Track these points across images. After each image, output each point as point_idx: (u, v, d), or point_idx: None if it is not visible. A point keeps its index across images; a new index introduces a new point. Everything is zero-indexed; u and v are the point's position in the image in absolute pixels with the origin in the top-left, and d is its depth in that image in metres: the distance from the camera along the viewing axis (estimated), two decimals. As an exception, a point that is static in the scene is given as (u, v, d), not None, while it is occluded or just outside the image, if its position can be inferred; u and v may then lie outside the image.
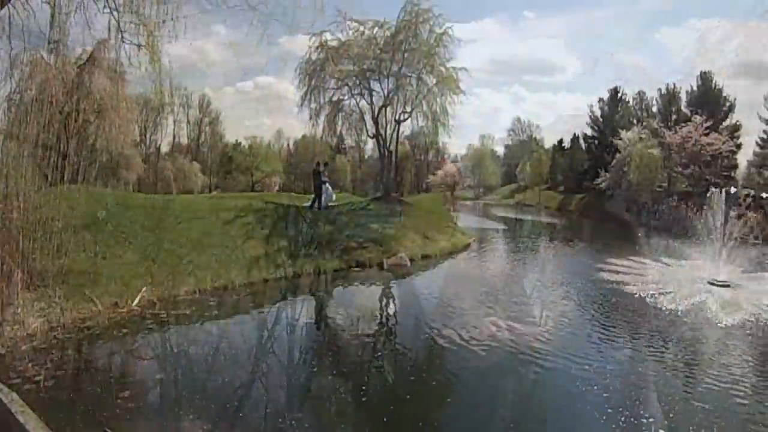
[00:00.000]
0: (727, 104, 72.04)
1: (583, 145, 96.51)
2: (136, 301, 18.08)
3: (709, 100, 70.43)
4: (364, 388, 12.72)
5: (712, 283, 24.96)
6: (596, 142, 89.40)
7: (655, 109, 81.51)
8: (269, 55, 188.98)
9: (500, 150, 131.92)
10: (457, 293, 22.86)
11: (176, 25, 19.10)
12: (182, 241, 23.17)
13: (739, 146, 69.22)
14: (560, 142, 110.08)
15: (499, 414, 11.70)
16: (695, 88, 74.17)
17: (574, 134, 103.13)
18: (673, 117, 73.82)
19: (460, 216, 56.43)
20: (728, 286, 24.65)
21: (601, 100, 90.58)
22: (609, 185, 70.89)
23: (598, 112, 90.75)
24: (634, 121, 78.28)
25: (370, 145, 61.53)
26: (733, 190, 58.83)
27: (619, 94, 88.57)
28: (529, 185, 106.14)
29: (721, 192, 29.85)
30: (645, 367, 15.05)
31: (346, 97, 45.01)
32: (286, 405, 11.56)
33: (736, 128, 70.69)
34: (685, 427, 11.16)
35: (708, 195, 29.99)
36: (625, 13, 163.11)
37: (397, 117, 44.97)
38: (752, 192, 56.56)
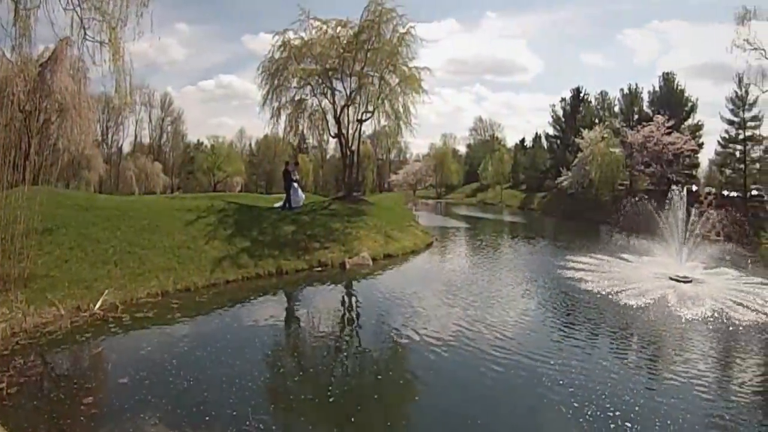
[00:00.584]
0: (689, 104, 73.25)
1: (545, 144, 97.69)
2: (98, 305, 17.49)
3: (672, 100, 71.52)
4: (330, 388, 12.40)
5: (673, 279, 25.16)
6: (558, 141, 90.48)
7: (617, 108, 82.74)
8: (232, 53, 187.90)
9: (462, 149, 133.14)
10: (419, 292, 22.62)
11: (140, 21, 18.77)
12: (144, 243, 22.63)
13: (701, 145, 70.45)
14: (522, 141, 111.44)
15: (464, 411, 11.49)
16: (657, 89, 75.23)
17: (536, 133, 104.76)
18: (635, 117, 74.97)
19: (422, 215, 56.54)
20: (690, 281, 24.88)
21: (563, 99, 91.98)
22: (571, 184, 71.54)
23: (560, 112, 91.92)
24: (596, 121, 79.20)
25: (332, 144, 61.30)
26: (695, 188, 59.90)
27: (581, 94, 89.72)
28: (491, 184, 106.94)
29: (683, 190, 30.06)
30: (608, 362, 15.07)
31: (308, 97, 44.69)
32: (251, 407, 11.15)
33: (697, 128, 71.94)
34: (650, 421, 11.15)
35: (670, 193, 30.03)
36: (588, 14, 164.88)
37: (359, 116, 44.97)
38: (714, 190, 57.50)
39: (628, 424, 10.91)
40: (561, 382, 13.05)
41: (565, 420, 11.19)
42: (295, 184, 35.14)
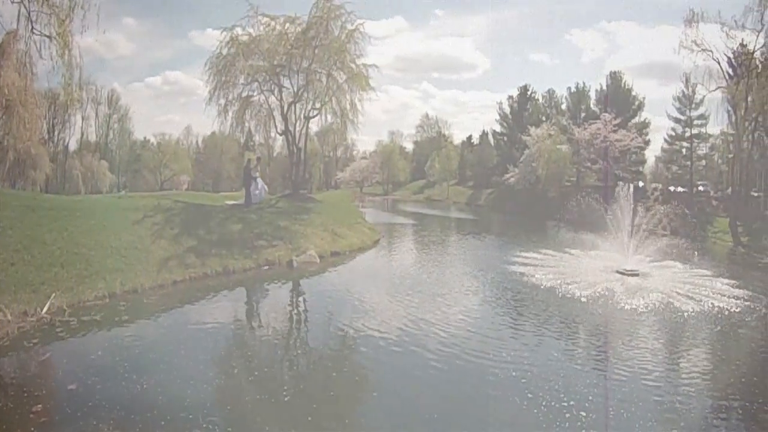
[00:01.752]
0: (636, 103, 74.66)
1: (493, 142, 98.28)
2: (45, 309, 16.91)
3: (619, 99, 72.72)
4: (285, 387, 12.31)
5: (620, 272, 25.56)
6: (505, 138, 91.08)
7: (564, 106, 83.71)
8: (179, 49, 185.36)
9: (409, 146, 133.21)
10: (366, 290, 22.72)
11: (87, 15, 18.31)
12: (91, 244, 21.95)
13: (647, 142, 71.77)
14: (469, 138, 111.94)
15: (420, 407, 11.64)
16: (605, 87, 76.37)
17: (484, 130, 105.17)
18: (582, 114, 75.92)
19: (369, 212, 56.46)
20: (636, 274, 25.33)
21: (510, 97, 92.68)
22: (518, 180, 72.13)
23: (507, 110, 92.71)
24: (544, 119, 79.91)
25: (279, 141, 60.95)
26: (641, 184, 60.88)
27: (529, 92, 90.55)
28: (438, 181, 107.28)
29: (629, 186, 30.44)
30: (559, 353, 15.35)
31: (255, 93, 44.35)
32: (206, 409, 10.95)
33: (644, 125, 73.34)
34: (603, 410, 11.43)
35: (617, 189, 30.40)
36: (536, 13, 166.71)
37: (306, 113, 44.90)
38: (660, 186, 58.51)
39: (583, 414, 11.08)
40: (513, 374, 13.18)
41: (521, 411, 11.30)
42: (259, 180, 35.12)
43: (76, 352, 14.36)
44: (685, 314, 19.16)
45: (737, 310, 19.94)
